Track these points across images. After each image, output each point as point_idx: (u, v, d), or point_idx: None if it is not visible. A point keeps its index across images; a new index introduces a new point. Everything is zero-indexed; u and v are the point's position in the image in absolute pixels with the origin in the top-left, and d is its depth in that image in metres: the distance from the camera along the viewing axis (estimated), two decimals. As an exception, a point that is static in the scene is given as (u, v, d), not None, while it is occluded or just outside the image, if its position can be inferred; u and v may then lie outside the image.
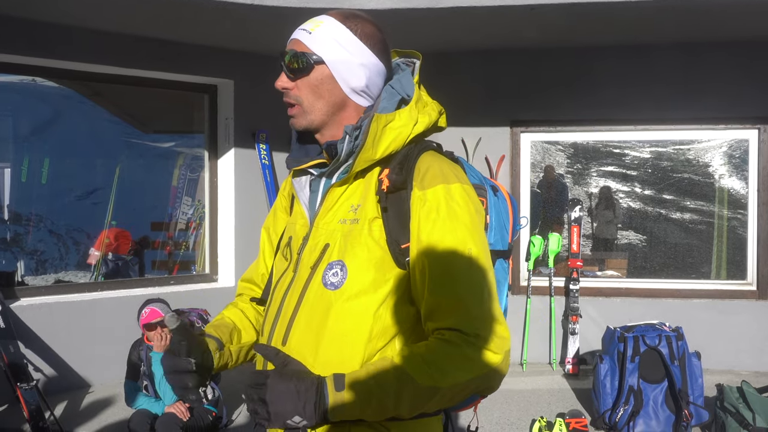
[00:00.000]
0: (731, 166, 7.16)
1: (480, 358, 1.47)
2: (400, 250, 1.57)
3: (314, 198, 1.73)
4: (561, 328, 6.77)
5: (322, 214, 1.67)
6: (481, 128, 6.96)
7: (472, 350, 1.47)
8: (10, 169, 8.35)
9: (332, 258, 1.60)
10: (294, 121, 1.70)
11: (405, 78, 1.71)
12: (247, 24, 5.87)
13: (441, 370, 1.45)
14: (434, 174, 1.59)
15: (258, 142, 7.09)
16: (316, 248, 1.64)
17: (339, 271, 1.58)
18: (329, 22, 1.66)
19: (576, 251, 6.69)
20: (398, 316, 1.57)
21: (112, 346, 5.74)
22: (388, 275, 1.57)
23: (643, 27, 6.06)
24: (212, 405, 4.88)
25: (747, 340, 6.48)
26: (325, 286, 1.58)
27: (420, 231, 1.55)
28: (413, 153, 1.63)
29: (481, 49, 6.86)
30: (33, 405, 4.62)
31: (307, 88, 1.66)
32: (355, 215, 1.62)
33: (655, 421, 4.84)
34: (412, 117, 1.65)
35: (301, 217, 1.75)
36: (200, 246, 7.42)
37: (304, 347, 1.57)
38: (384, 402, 1.46)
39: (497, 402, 5.44)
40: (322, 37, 1.65)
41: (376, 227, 1.59)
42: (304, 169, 1.75)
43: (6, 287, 5.81)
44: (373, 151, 1.61)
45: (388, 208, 1.59)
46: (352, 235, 1.60)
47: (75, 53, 5.98)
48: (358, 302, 1.56)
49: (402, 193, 1.59)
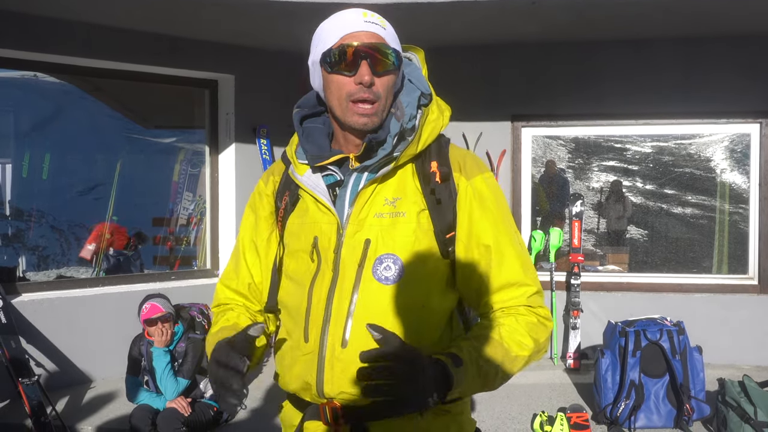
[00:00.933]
0: (733, 160, 7.14)
1: (545, 327, 1.65)
2: (445, 240, 1.63)
3: (342, 194, 1.67)
4: (562, 322, 6.77)
5: (356, 210, 1.64)
6: (482, 123, 6.95)
7: (541, 321, 1.64)
8: (11, 165, 8.37)
9: (379, 252, 1.60)
10: (368, 121, 1.61)
11: (415, 72, 1.72)
12: (248, 19, 5.86)
13: (529, 339, 1.60)
14: (471, 165, 1.68)
15: (259, 137, 7.09)
16: (357, 245, 1.62)
17: (392, 265, 1.59)
18: (382, 19, 1.66)
19: (577, 246, 6.69)
20: (446, 302, 1.66)
21: (114, 341, 5.75)
22: (438, 265, 1.63)
23: (644, 21, 6.05)
24: (213, 400, 4.88)
25: (748, 334, 6.47)
26: (379, 280, 1.59)
27: (473, 219, 1.63)
28: (443, 145, 1.70)
29: (482, 43, 6.84)
30: (35, 400, 4.63)
31: (384, 87, 1.61)
32: (394, 208, 1.62)
33: (656, 416, 4.84)
34: (441, 110, 1.70)
35: (324, 215, 1.68)
36: (201, 241, 7.42)
37: (368, 346, 1.45)
38: (488, 375, 1.55)
39: (499, 396, 5.44)
40: (393, 36, 1.65)
41: (424, 219, 1.63)
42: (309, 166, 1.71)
43: (7, 282, 5.81)
44: (416, 146, 1.65)
45: (441, 199, 1.63)
46: (398, 228, 1.61)
47: (76, 49, 5.97)
48: (414, 293, 1.59)
49: (447, 184, 1.63)
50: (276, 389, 5.67)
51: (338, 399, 1.60)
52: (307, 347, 1.63)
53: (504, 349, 1.56)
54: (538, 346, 1.61)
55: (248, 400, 5.62)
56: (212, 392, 4.90)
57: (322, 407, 1.63)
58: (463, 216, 1.63)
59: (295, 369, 1.66)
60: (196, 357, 4.76)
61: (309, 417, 1.67)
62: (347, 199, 1.66)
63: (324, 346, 1.60)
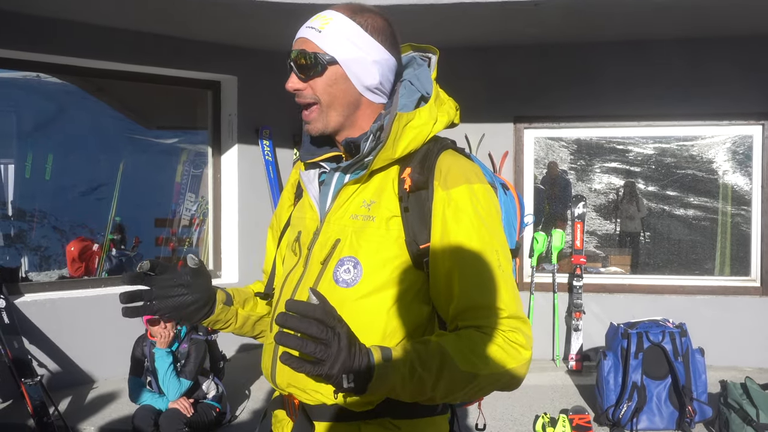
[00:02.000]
0: (735, 162, 7.14)
1: (516, 352, 1.49)
2: (418, 250, 1.56)
3: (326, 191, 1.70)
4: (564, 324, 6.77)
5: (334, 209, 1.64)
6: (485, 124, 6.95)
7: (509, 345, 1.49)
8: (14, 165, 8.38)
9: (343, 254, 1.58)
10: (310, 127, 1.64)
11: (423, 74, 1.69)
12: (251, 20, 5.87)
13: (482, 358, 1.46)
14: (456, 174, 1.58)
15: (261, 138, 7.10)
16: (327, 243, 1.62)
17: (351, 269, 1.56)
18: (339, 19, 1.61)
19: (579, 247, 6.69)
20: (412, 315, 1.57)
21: (116, 341, 5.75)
22: (404, 274, 1.56)
23: (646, 23, 6.05)
24: (216, 401, 4.89)
25: (751, 336, 6.47)
26: (337, 283, 1.57)
27: (445, 231, 1.54)
28: (432, 152, 1.62)
29: (484, 45, 6.84)
30: (37, 400, 4.63)
31: (321, 88, 1.60)
32: (368, 212, 1.59)
33: (658, 418, 4.84)
34: (432, 115, 1.63)
35: (310, 211, 1.71)
36: (204, 242, 7.43)
37: None
38: (424, 381, 1.41)
39: (500, 398, 5.44)
40: (333, 36, 1.59)
41: (394, 225, 1.57)
42: (314, 163, 1.73)
43: (10, 283, 5.82)
44: (393, 150, 1.59)
45: (410, 207, 1.57)
46: (366, 232, 1.58)
47: (78, 49, 5.98)
48: (372, 300, 1.54)
49: (423, 193, 1.57)
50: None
51: (287, 390, 1.63)
52: (270, 337, 1.71)
53: (448, 360, 1.42)
54: (496, 368, 1.47)
55: (252, 401, 5.63)
56: (215, 393, 4.91)
57: (285, 399, 1.70)
58: (436, 227, 1.55)
59: (264, 357, 1.72)
60: (198, 358, 4.77)
61: (276, 405, 1.75)
62: (329, 197, 1.68)
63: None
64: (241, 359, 6.69)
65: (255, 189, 7.10)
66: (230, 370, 5.71)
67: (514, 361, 1.49)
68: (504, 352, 1.48)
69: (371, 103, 1.65)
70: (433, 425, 1.62)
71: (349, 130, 1.65)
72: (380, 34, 1.63)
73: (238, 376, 6.01)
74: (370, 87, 1.63)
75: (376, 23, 1.63)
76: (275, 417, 1.75)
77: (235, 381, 5.79)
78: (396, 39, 1.67)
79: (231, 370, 5.88)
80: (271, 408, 1.78)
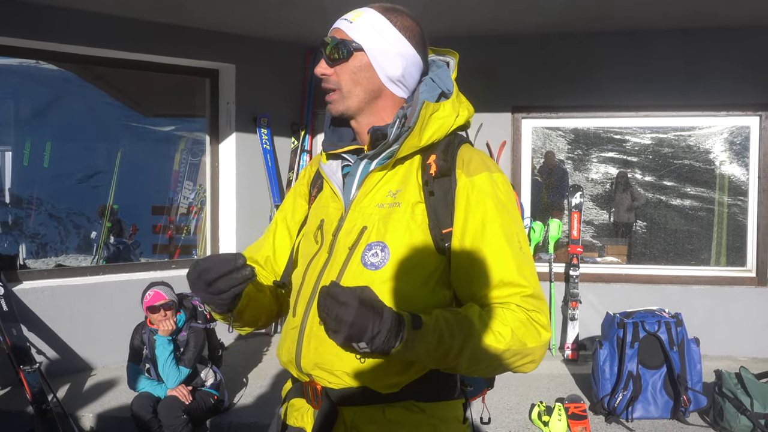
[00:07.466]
0: (732, 152, 7.15)
1: (537, 332, 1.58)
2: (441, 235, 1.63)
3: (350, 182, 1.76)
4: (561, 313, 6.80)
5: (359, 197, 1.71)
6: (483, 114, 6.92)
7: (531, 324, 1.57)
8: (11, 153, 8.36)
9: (371, 239, 1.64)
10: (331, 107, 1.74)
11: (443, 73, 1.79)
12: (250, 8, 5.85)
13: (506, 332, 1.53)
14: (478, 163, 1.68)
15: (259, 126, 7.09)
16: (353, 230, 1.67)
17: (380, 252, 1.62)
18: (370, 13, 1.72)
19: (576, 237, 6.70)
20: (434, 299, 1.63)
21: (114, 329, 5.77)
22: (428, 259, 1.63)
23: (644, 13, 6.04)
24: (214, 389, 4.91)
25: (746, 326, 6.50)
26: (365, 266, 1.62)
27: (469, 214, 1.62)
28: (453, 143, 1.72)
29: (482, 34, 6.83)
30: (36, 387, 4.65)
31: (345, 75, 1.70)
32: (394, 199, 1.67)
33: (653, 407, 4.87)
34: (455, 109, 1.73)
35: (333, 201, 1.77)
36: (201, 230, 7.44)
37: None
38: (449, 350, 1.50)
39: (497, 387, 5.44)
40: (363, 26, 1.70)
41: (419, 211, 1.65)
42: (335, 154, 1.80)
43: (8, 270, 5.82)
44: (419, 139, 1.67)
45: (435, 192, 1.65)
46: (393, 218, 1.64)
47: (76, 37, 5.96)
48: (398, 284, 1.60)
49: (446, 180, 1.65)
50: (276, 378, 5.70)
51: (313, 374, 1.66)
52: (294, 322, 1.73)
53: (475, 331, 1.51)
54: (519, 344, 1.54)
55: (249, 389, 5.65)
56: (213, 381, 4.93)
57: (305, 386, 1.72)
58: (459, 212, 1.63)
59: (285, 342, 1.76)
60: (197, 346, 4.79)
61: (294, 393, 1.79)
62: (354, 186, 1.74)
63: (305, 322, 1.68)
64: (239, 347, 6.71)
65: (253, 177, 7.10)
66: (228, 358, 5.74)
67: (534, 341, 1.57)
68: (526, 329, 1.56)
69: (393, 95, 1.73)
70: (452, 408, 1.72)
71: (370, 118, 1.73)
72: (408, 32, 1.73)
73: (236, 364, 6.04)
74: (392, 78, 1.71)
75: (405, 22, 1.74)
76: (292, 406, 1.79)
77: (232, 369, 5.82)
78: (424, 40, 1.76)
79: (229, 358, 5.91)
80: (288, 397, 1.82)
